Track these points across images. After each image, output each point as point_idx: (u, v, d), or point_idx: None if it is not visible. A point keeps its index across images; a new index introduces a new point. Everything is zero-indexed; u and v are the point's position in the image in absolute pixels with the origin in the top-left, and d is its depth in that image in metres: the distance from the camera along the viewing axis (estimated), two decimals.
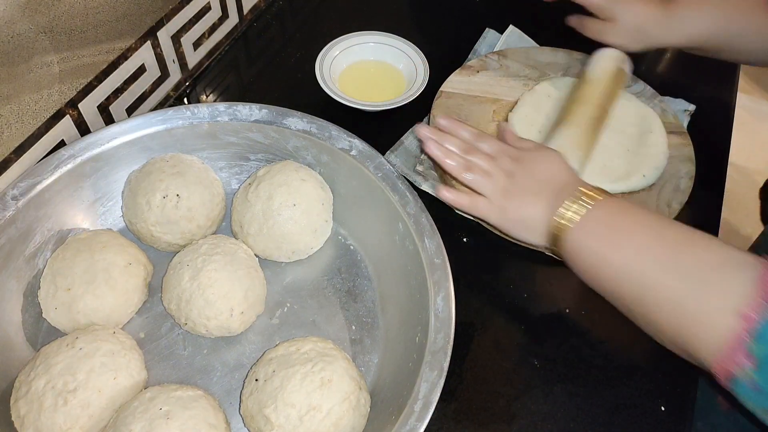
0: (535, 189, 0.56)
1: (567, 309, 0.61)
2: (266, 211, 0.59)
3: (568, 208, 0.53)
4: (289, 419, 0.48)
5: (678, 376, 0.57)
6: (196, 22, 0.77)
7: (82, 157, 0.59)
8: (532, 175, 0.57)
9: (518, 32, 0.87)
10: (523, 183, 0.57)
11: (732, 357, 0.42)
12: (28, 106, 0.57)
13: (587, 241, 0.52)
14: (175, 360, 0.56)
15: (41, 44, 0.56)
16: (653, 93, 0.77)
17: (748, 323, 0.41)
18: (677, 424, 0.54)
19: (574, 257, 0.53)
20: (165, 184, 0.58)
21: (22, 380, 0.49)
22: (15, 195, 0.55)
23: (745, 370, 0.41)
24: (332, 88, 0.75)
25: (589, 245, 0.52)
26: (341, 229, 0.65)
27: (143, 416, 0.46)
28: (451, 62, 0.80)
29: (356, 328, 0.59)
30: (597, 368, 0.57)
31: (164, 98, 0.77)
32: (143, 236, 0.60)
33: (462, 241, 0.66)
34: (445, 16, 0.93)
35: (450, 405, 0.54)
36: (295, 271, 0.62)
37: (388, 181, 0.59)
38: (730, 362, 0.42)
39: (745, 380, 0.42)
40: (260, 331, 0.58)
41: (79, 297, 0.54)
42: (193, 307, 0.54)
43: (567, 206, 0.53)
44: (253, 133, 0.63)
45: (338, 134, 0.62)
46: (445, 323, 0.50)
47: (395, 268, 0.59)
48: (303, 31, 0.90)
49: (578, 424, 0.54)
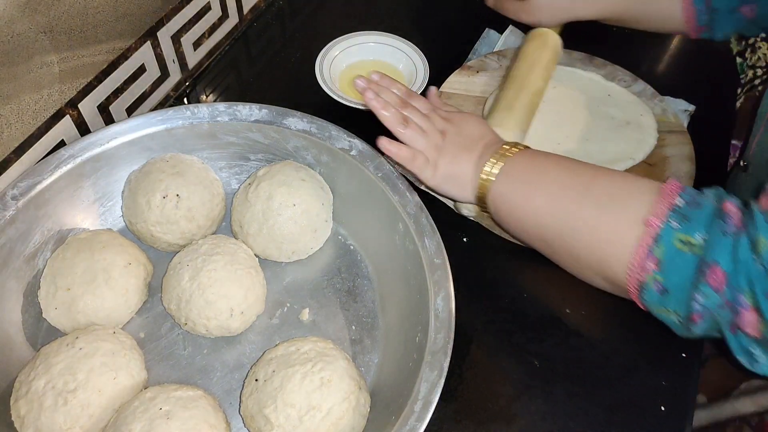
0: (465, 146, 0.59)
1: (567, 309, 0.61)
2: (266, 211, 0.59)
3: (491, 163, 0.56)
4: (289, 419, 0.48)
5: (678, 376, 0.57)
6: (196, 22, 0.77)
7: (82, 157, 0.59)
8: (461, 133, 0.60)
9: (518, 32, 0.87)
10: (454, 140, 0.60)
11: (638, 263, 0.46)
12: (28, 106, 0.57)
13: (507, 191, 0.55)
14: (175, 360, 0.56)
15: (41, 44, 0.56)
16: (653, 93, 0.77)
17: (651, 228, 0.46)
18: (677, 424, 0.54)
19: (498, 208, 0.57)
20: (165, 184, 0.58)
21: (22, 380, 0.49)
22: (15, 195, 0.55)
23: (650, 274, 0.46)
24: (332, 88, 0.75)
25: (509, 194, 0.55)
26: (341, 229, 0.65)
27: (143, 416, 0.46)
28: (451, 62, 0.80)
29: (356, 328, 0.59)
30: (597, 368, 0.57)
31: (164, 98, 0.77)
32: (143, 236, 0.60)
33: (462, 241, 0.66)
34: (445, 16, 0.93)
35: (450, 405, 0.54)
36: (295, 271, 0.62)
37: (388, 181, 0.59)
38: (640, 270, 0.46)
39: (652, 285, 0.46)
40: (260, 331, 0.58)
41: (79, 297, 0.54)
42: (193, 307, 0.54)
43: (491, 162, 0.56)
44: (253, 133, 0.63)
45: (338, 134, 0.62)
46: (445, 323, 0.50)
47: (395, 268, 0.59)
48: (303, 31, 0.90)
49: (578, 424, 0.54)
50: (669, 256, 0.45)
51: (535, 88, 0.71)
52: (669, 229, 0.45)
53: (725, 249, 0.42)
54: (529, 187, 0.54)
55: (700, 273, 0.43)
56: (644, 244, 0.46)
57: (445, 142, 0.60)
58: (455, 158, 0.59)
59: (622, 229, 0.48)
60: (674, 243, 0.44)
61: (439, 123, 0.61)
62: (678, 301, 0.45)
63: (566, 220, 0.52)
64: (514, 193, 0.55)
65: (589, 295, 0.62)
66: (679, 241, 0.44)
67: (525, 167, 0.55)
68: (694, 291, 0.43)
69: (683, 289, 0.44)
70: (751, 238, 0.41)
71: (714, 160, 0.74)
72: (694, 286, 0.43)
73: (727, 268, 0.42)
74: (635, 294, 0.48)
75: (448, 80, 0.77)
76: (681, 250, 0.44)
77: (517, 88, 0.71)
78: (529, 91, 0.71)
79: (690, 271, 0.44)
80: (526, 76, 0.72)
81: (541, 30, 0.76)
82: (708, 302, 0.43)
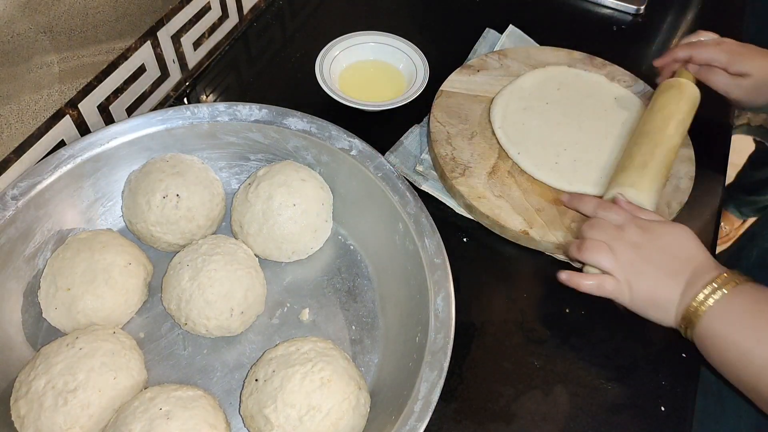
0: (667, 267, 0.53)
1: (567, 309, 0.61)
2: (266, 211, 0.59)
3: (709, 290, 0.50)
4: (288, 419, 0.48)
5: (678, 376, 0.57)
6: (196, 22, 0.77)
7: (82, 157, 0.59)
8: (661, 249, 0.53)
9: (518, 32, 0.87)
10: (651, 257, 0.53)
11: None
12: (28, 106, 0.57)
13: (724, 330, 0.49)
14: (175, 360, 0.56)
15: (41, 44, 0.56)
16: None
17: None
18: (677, 425, 0.54)
19: (708, 344, 0.50)
20: (165, 184, 0.58)
21: (22, 380, 0.49)
22: (15, 195, 0.55)
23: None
24: (332, 88, 0.75)
25: (726, 335, 0.49)
26: (341, 229, 0.65)
27: (143, 416, 0.46)
28: (451, 62, 0.80)
29: (356, 328, 0.59)
30: (597, 368, 0.57)
31: (164, 98, 0.77)
32: (143, 236, 0.60)
33: (462, 241, 0.66)
34: (445, 16, 0.93)
35: (450, 405, 0.54)
36: (295, 271, 0.62)
37: (388, 181, 0.59)
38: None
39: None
40: (260, 331, 0.58)
41: (79, 297, 0.54)
42: (193, 307, 0.54)
43: (708, 289, 0.50)
44: (253, 133, 0.63)
45: (338, 134, 0.62)
46: (445, 323, 0.50)
47: (395, 268, 0.59)
48: (303, 31, 0.90)
49: (578, 424, 0.54)
50: None
51: (672, 144, 0.64)
52: None
53: None
54: (750, 336, 0.47)
55: None
56: None
57: (641, 259, 0.53)
58: (656, 282, 0.52)
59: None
60: None
61: (634, 235, 0.54)
62: None
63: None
64: (729, 338, 0.48)
65: (589, 295, 0.62)
66: None
67: (748, 306, 0.49)
68: None
69: None
70: None
71: (714, 161, 0.74)
72: None
73: None
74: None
75: (448, 79, 0.77)
76: None
77: (653, 144, 0.63)
78: (665, 147, 0.63)
79: None
80: (662, 130, 0.64)
81: (678, 80, 0.69)
82: None
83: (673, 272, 0.52)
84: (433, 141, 0.70)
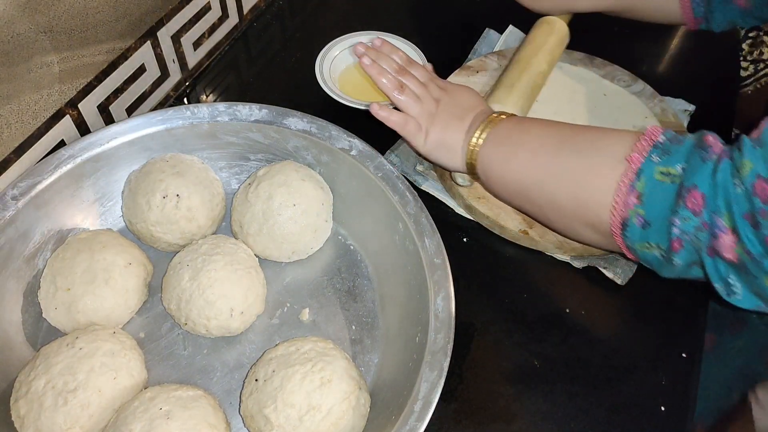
0: (457, 115, 0.61)
1: (567, 309, 0.61)
2: (266, 211, 0.59)
3: (479, 130, 0.57)
4: (289, 419, 0.48)
5: (678, 376, 0.57)
6: (196, 22, 0.77)
7: (82, 157, 0.59)
8: (455, 103, 0.62)
9: (518, 32, 0.87)
10: (448, 109, 0.61)
11: (623, 201, 0.46)
12: (28, 106, 0.57)
13: (493, 154, 0.56)
14: (175, 360, 0.56)
15: (41, 44, 0.56)
16: (653, 93, 0.77)
17: (633, 164, 0.46)
18: (677, 424, 0.54)
19: (487, 174, 0.58)
20: (165, 184, 0.58)
21: (22, 380, 0.49)
22: (15, 195, 0.55)
23: (634, 209, 0.46)
24: (332, 88, 0.75)
25: (494, 157, 0.56)
26: (341, 229, 0.65)
27: (143, 416, 0.46)
28: (451, 62, 0.80)
29: (356, 328, 0.59)
30: (597, 368, 0.57)
31: (164, 98, 0.77)
32: (143, 236, 0.60)
33: (462, 241, 0.66)
34: (445, 16, 0.93)
35: (450, 405, 0.54)
36: (295, 271, 0.62)
37: (388, 181, 0.59)
38: (623, 207, 0.46)
39: (635, 220, 0.46)
40: (260, 331, 0.58)
41: (79, 297, 0.54)
42: (193, 307, 0.54)
43: (479, 129, 0.57)
44: (253, 133, 0.63)
45: (338, 134, 0.62)
46: (445, 323, 0.50)
47: (395, 268, 0.59)
48: (303, 31, 0.90)
49: (578, 424, 0.54)
50: (650, 188, 0.45)
51: (539, 69, 0.72)
52: (650, 163, 0.45)
53: (705, 173, 0.42)
54: (512, 147, 0.55)
55: (679, 197, 0.43)
56: (626, 180, 0.46)
57: (439, 111, 0.61)
58: (447, 126, 0.60)
59: (604, 171, 0.48)
60: (655, 175, 0.45)
61: (435, 91, 0.62)
62: (659, 231, 0.45)
63: (547, 169, 0.52)
64: (498, 154, 0.56)
65: (589, 295, 0.62)
66: (659, 173, 0.44)
67: (509, 131, 0.57)
68: (673, 216, 0.43)
69: (664, 218, 0.44)
70: (735, 163, 0.41)
71: None
72: (673, 211, 0.43)
73: (705, 190, 0.42)
74: (618, 234, 0.48)
75: (447, 80, 0.77)
76: (662, 181, 0.44)
77: (520, 69, 0.71)
78: (532, 72, 0.71)
79: (670, 199, 0.44)
80: (530, 58, 0.72)
81: (548, 17, 0.77)
82: (686, 225, 0.43)
83: (459, 117, 0.60)
84: None
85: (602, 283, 0.62)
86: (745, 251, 0.40)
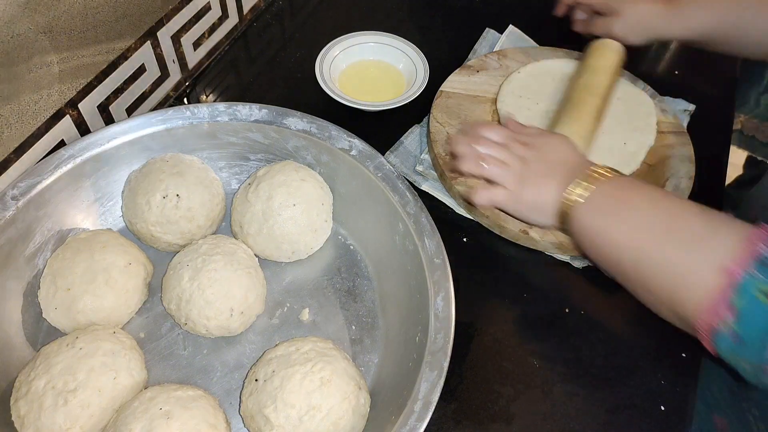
0: (547, 172, 0.57)
1: (567, 309, 0.61)
2: (266, 211, 0.59)
3: (576, 186, 0.54)
4: (288, 419, 0.48)
5: (678, 376, 0.57)
6: (196, 22, 0.77)
7: (82, 157, 0.59)
8: (544, 159, 0.59)
9: (518, 32, 0.87)
10: (536, 168, 0.58)
11: (715, 310, 0.44)
12: (28, 106, 0.57)
13: (592, 218, 0.53)
14: (175, 360, 0.56)
15: (41, 44, 0.56)
16: (653, 93, 0.77)
17: (731, 278, 0.43)
18: (677, 424, 0.54)
19: (581, 234, 0.55)
20: (165, 184, 0.58)
21: (22, 380, 0.49)
22: (15, 195, 0.55)
23: (726, 323, 0.44)
24: (332, 88, 0.75)
25: (593, 222, 0.53)
26: (341, 229, 0.65)
27: (143, 416, 0.46)
28: (451, 62, 0.80)
29: (356, 328, 0.59)
30: (597, 368, 0.57)
31: (164, 98, 0.77)
32: (143, 236, 0.60)
33: (462, 241, 0.66)
34: (445, 16, 0.93)
35: (450, 405, 0.54)
36: (295, 271, 0.62)
37: (388, 181, 0.59)
38: (713, 316, 0.44)
39: (727, 332, 0.44)
40: (260, 331, 0.58)
41: (79, 297, 0.54)
42: (193, 307, 0.54)
43: (576, 185, 0.54)
44: (253, 133, 0.63)
45: (338, 134, 0.62)
46: (445, 323, 0.50)
47: (395, 268, 0.59)
48: (303, 31, 0.90)
49: (578, 424, 0.54)
50: (748, 308, 0.43)
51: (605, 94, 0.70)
52: (751, 279, 0.43)
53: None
54: (614, 219, 0.52)
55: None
56: (724, 294, 0.44)
57: (528, 170, 0.58)
58: (537, 186, 0.57)
59: (701, 273, 0.46)
60: (755, 293, 0.42)
61: (519, 150, 0.59)
62: (752, 350, 0.43)
63: (646, 256, 0.50)
64: (597, 220, 0.53)
65: (589, 295, 0.62)
66: (759, 291, 0.42)
67: (616, 199, 0.53)
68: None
69: (759, 340, 0.42)
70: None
71: (714, 160, 0.74)
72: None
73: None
74: (707, 339, 0.46)
75: (448, 80, 0.77)
76: (761, 301, 0.42)
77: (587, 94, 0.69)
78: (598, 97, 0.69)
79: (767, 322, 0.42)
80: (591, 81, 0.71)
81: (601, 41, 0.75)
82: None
83: (551, 174, 0.57)
84: (432, 141, 0.70)
85: (602, 283, 0.62)
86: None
